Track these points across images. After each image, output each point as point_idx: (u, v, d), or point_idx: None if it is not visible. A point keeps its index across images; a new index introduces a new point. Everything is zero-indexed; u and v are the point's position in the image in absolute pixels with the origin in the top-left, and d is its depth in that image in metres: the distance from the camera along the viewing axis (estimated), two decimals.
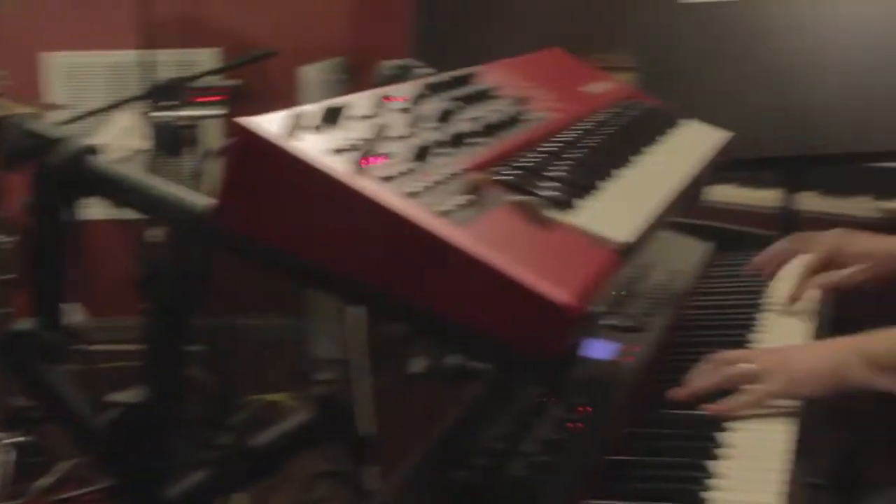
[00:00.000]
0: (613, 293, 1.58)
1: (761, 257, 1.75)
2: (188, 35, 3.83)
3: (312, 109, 0.95)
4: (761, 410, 1.29)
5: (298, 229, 0.88)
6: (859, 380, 1.26)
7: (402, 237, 0.84)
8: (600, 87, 1.60)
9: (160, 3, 3.61)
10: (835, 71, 2.24)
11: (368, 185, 0.85)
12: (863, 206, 2.46)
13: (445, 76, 1.26)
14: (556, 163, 1.16)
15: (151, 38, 3.56)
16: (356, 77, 3.73)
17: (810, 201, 2.46)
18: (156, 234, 0.91)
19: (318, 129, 0.93)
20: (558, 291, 0.81)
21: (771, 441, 1.23)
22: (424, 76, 1.30)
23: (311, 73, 3.64)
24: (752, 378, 1.30)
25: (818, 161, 2.26)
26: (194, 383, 3.29)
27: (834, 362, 1.28)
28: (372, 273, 0.86)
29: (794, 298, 1.64)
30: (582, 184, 1.12)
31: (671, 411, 1.32)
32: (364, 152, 0.89)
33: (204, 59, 3.78)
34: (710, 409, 1.29)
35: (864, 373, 1.26)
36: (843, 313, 1.66)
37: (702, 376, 1.34)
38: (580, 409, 1.22)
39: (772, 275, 1.75)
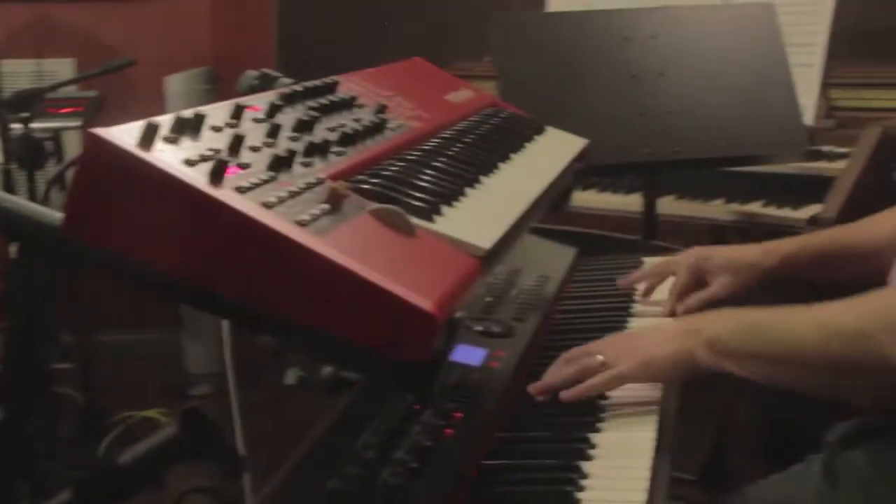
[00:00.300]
0: (487, 299, 1.59)
1: (629, 279, 1.79)
2: (41, 44, 3.70)
3: (169, 119, 0.93)
4: (628, 410, 1.32)
5: (156, 242, 0.85)
6: (704, 362, 1.29)
7: (259, 247, 0.82)
8: (462, 95, 1.61)
9: (11, 11, 3.49)
10: (689, 80, 2.32)
11: (225, 195, 0.83)
12: (717, 209, 2.54)
13: (306, 85, 1.25)
14: (420, 171, 1.16)
15: (2, 47, 3.44)
16: (222, 87, 3.69)
17: (669, 205, 2.53)
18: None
19: (174, 139, 0.91)
20: (420, 298, 0.81)
21: (639, 440, 1.25)
22: (287, 86, 1.29)
23: (176, 83, 3.57)
24: (602, 368, 1.33)
25: (675, 166, 2.33)
26: (63, 401, 3.20)
27: (679, 346, 1.30)
28: (234, 285, 0.84)
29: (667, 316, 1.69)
30: (447, 191, 1.12)
31: (544, 414, 1.33)
32: (220, 162, 0.87)
33: (59, 69, 3.66)
34: (564, 395, 1.31)
35: (708, 355, 1.28)
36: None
37: (556, 371, 1.36)
38: (453, 414, 1.22)
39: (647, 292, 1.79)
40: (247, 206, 0.84)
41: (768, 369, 1.27)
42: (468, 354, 1.38)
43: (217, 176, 0.86)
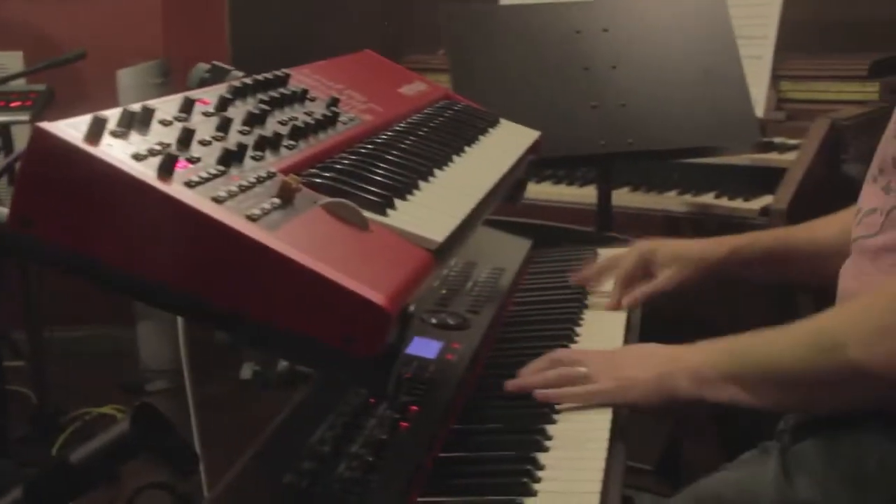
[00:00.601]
0: (442, 292, 1.59)
1: (582, 274, 1.79)
2: None
3: (116, 113, 0.92)
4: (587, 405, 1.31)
5: (105, 237, 0.84)
6: (686, 394, 1.28)
7: (209, 242, 0.82)
8: (415, 88, 1.61)
9: None
10: (641, 72, 2.33)
11: (174, 190, 0.83)
12: (671, 200, 2.56)
13: (257, 78, 1.24)
14: (372, 164, 1.15)
15: None
16: (175, 80, 3.65)
17: (623, 197, 2.54)
18: None
19: (122, 133, 0.90)
20: (372, 292, 0.81)
21: (595, 430, 1.25)
22: (238, 79, 1.28)
23: (128, 77, 3.53)
24: (583, 380, 1.32)
25: (628, 158, 2.34)
26: (16, 399, 3.16)
27: (659, 375, 1.30)
28: (184, 281, 0.84)
29: (612, 308, 1.69)
30: (400, 184, 1.12)
31: (500, 406, 1.32)
32: (169, 156, 0.87)
33: (6, 62, 3.61)
34: (538, 394, 1.31)
35: (689, 385, 1.28)
36: (651, 309, 1.72)
37: (535, 373, 1.35)
38: (409, 408, 1.22)
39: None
40: (196, 200, 0.83)
41: (751, 393, 1.25)
42: (423, 347, 1.38)
43: (166, 170, 0.85)
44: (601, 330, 1.59)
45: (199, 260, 0.83)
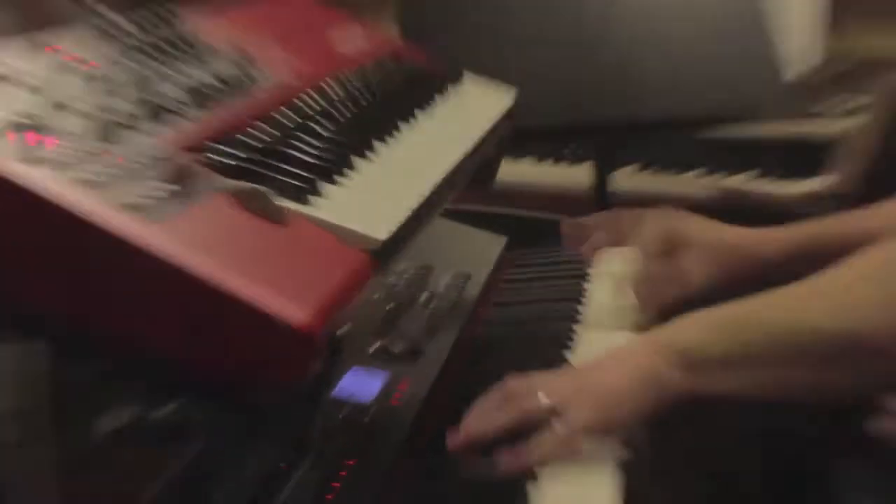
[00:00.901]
0: (387, 307, 1.58)
1: (570, 226, 1.79)
2: None
3: None
4: (578, 456, 1.28)
5: None
6: (678, 386, 1.27)
7: (75, 239, 0.81)
8: (351, 36, 1.61)
9: None
10: (647, 22, 2.33)
11: (31, 173, 0.82)
12: (695, 182, 2.55)
13: (139, 21, 1.23)
14: (294, 137, 1.15)
15: None
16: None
17: (629, 179, 2.54)
18: None
19: None
20: (290, 306, 0.81)
21: (597, 496, 1.23)
22: (113, 21, 1.26)
23: None
24: (550, 413, 1.28)
25: (636, 129, 2.34)
26: None
27: (643, 373, 1.29)
28: (45, 294, 0.83)
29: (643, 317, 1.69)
30: (329, 164, 1.12)
31: (465, 468, 1.29)
32: (25, 130, 0.86)
33: None
34: (507, 463, 1.26)
35: (681, 376, 1.27)
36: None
37: (484, 415, 1.31)
38: (340, 469, 1.21)
39: (587, 254, 1.80)
40: (61, 186, 0.83)
41: (755, 375, 1.26)
42: (360, 384, 1.36)
43: (26, 151, 0.84)
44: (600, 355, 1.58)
45: (63, 265, 0.82)
